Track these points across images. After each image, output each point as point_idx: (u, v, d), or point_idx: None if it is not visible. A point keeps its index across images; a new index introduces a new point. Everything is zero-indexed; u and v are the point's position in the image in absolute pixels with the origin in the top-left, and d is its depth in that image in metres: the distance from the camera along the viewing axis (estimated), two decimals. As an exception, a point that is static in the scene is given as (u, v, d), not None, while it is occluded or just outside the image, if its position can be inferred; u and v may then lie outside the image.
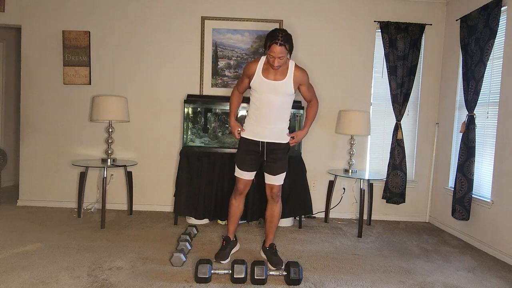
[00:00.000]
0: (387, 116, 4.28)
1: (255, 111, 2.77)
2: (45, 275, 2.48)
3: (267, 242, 2.95)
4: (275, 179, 2.81)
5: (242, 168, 2.81)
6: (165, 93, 4.22)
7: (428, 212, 4.36)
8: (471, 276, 2.82)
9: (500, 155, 3.29)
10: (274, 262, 2.77)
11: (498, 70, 3.39)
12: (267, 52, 2.58)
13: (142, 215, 4.07)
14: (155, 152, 4.25)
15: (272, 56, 2.56)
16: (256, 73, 2.70)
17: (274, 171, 2.78)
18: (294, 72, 2.69)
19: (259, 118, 2.75)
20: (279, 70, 2.68)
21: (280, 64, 2.59)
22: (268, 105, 2.70)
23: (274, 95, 2.68)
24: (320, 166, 4.28)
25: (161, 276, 2.54)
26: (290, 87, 2.69)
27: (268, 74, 2.68)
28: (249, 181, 2.86)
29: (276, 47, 2.51)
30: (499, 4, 3.27)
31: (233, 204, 2.94)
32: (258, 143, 2.77)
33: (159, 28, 4.18)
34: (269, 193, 2.86)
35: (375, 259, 3.05)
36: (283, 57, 2.56)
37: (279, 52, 2.52)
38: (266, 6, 4.18)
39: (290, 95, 2.74)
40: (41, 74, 4.19)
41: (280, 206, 2.92)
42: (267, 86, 2.67)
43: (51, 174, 4.24)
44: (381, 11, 4.21)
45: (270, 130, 2.75)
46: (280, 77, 2.67)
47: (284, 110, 2.78)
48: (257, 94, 2.73)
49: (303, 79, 2.74)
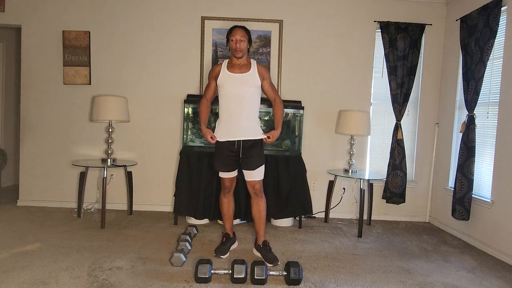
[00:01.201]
0: (387, 116, 4.28)
1: (225, 109, 2.86)
2: (45, 275, 2.48)
3: (259, 240, 3.00)
4: (255, 174, 2.87)
5: (222, 170, 2.92)
6: (165, 93, 4.22)
7: (428, 212, 4.36)
8: (471, 276, 2.82)
9: (500, 155, 3.29)
10: (269, 258, 2.80)
11: (498, 70, 3.39)
12: (229, 39, 2.84)
13: (142, 215, 4.07)
14: (155, 152, 4.25)
15: (233, 40, 2.81)
16: (222, 71, 2.88)
17: (252, 165, 2.86)
18: (257, 66, 2.91)
19: (230, 114, 2.84)
20: (243, 65, 2.86)
21: (242, 48, 2.81)
22: (237, 98, 2.81)
23: (242, 87, 2.82)
24: (320, 166, 4.28)
25: (161, 276, 2.54)
26: (256, 78, 2.86)
27: (233, 70, 2.86)
28: (233, 178, 2.98)
29: (236, 30, 2.82)
30: (499, 4, 3.27)
31: (224, 202, 3.04)
32: (234, 143, 2.85)
33: (159, 28, 4.18)
34: (251, 190, 2.93)
35: (375, 259, 3.05)
36: (243, 40, 2.81)
37: (239, 34, 2.80)
38: (266, 6, 4.18)
39: (257, 86, 2.87)
40: (41, 74, 4.19)
41: (264, 201, 2.98)
42: (233, 79, 2.82)
43: (51, 174, 4.24)
44: (381, 11, 4.21)
45: (243, 127, 2.84)
46: (246, 70, 2.86)
47: (253, 104, 2.88)
48: (225, 90, 2.85)
49: (265, 72, 2.93)
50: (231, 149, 2.86)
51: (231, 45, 2.85)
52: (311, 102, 4.23)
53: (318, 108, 4.24)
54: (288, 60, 4.22)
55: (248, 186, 2.93)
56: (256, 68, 2.88)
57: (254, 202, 2.96)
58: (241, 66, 2.87)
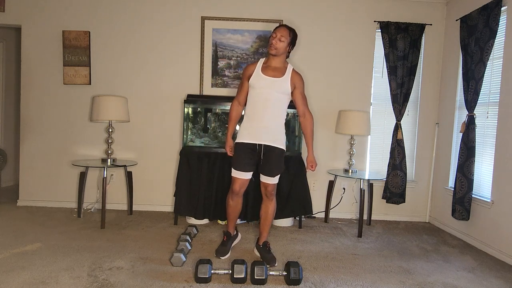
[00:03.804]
0: (387, 116, 4.29)
1: (251, 109, 2.79)
2: (45, 275, 2.48)
3: (261, 240, 2.98)
4: (271, 178, 2.83)
5: (239, 168, 2.80)
6: (165, 93, 4.22)
7: (428, 212, 4.36)
8: (471, 276, 2.82)
9: (500, 155, 3.29)
10: (268, 259, 2.80)
11: (498, 70, 3.39)
12: (271, 35, 2.75)
13: (142, 215, 4.07)
14: (155, 152, 4.25)
15: (273, 36, 2.72)
16: (256, 71, 2.78)
17: (271, 172, 2.80)
18: (292, 73, 2.79)
19: (254, 116, 2.77)
20: (278, 69, 2.76)
21: (277, 47, 2.71)
22: (264, 101, 2.73)
23: (271, 90, 2.73)
24: (320, 166, 4.27)
25: (161, 276, 2.54)
26: (287, 85, 2.75)
27: (267, 71, 2.77)
28: (245, 182, 2.84)
29: (282, 27, 2.75)
30: (499, 4, 3.27)
31: (230, 205, 2.94)
32: (255, 146, 2.78)
33: (159, 28, 4.18)
34: (263, 191, 2.88)
35: (375, 259, 3.05)
36: (284, 39, 2.72)
37: (281, 32, 2.72)
38: (266, 6, 4.18)
39: (286, 93, 2.77)
40: (41, 74, 4.19)
41: (274, 204, 2.94)
42: (265, 81, 2.74)
43: (51, 174, 4.24)
44: (381, 11, 4.21)
45: (266, 130, 2.76)
46: (279, 75, 2.76)
47: (279, 110, 2.79)
48: (254, 90, 2.77)
49: (299, 81, 2.82)
50: (252, 149, 2.78)
51: (269, 40, 2.76)
52: (311, 102, 4.21)
53: (318, 108, 4.24)
54: (288, 60, 4.20)
55: (262, 187, 2.88)
56: (289, 75, 2.76)
57: (263, 204, 2.93)
58: (275, 68, 2.77)
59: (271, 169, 2.79)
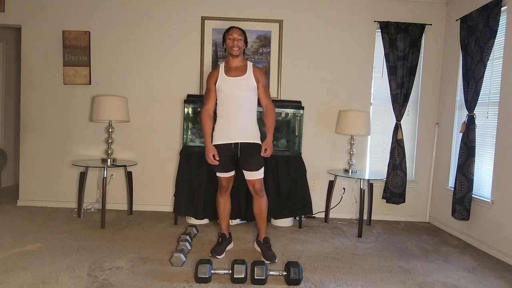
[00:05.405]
0: (387, 116, 4.29)
1: (224, 111, 2.88)
2: (45, 275, 2.48)
3: (261, 236, 3.05)
4: (255, 174, 2.88)
5: (222, 170, 2.92)
6: (165, 93, 4.22)
7: (428, 212, 4.36)
8: (471, 276, 2.82)
9: (500, 155, 3.29)
10: (268, 256, 2.84)
11: (498, 70, 3.39)
12: (227, 38, 2.89)
13: (142, 215, 4.07)
14: (155, 152, 4.25)
15: (231, 38, 2.85)
16: (220, 75, 2.89)
17: (252, 166, 2.86)
18: (253, 68, 2.92)
19: (229, 117, 2.85)
20: (240, 68, 2.88)
21: (239, 47, 2.85)
22: (235, 100, 2.84)
23: (238, 90, 2.84)
24: (320, 166, 4.28)
25: (161, 276, 2.54)
26: (252, 81, 2.87)
27: (230, 73, 2.89)
28: (231, 178, 2.99)
29: (234, 29, 2.89)
30: (499, 4, 3.27)
31: (220, 202, 3.07)
32: (231, 145, 2.86)
33: (159, 28, 4.18)
34: (252, 189, 2.94)
35: (375, 259, 3.05)
36: (240, 40, 2.87)
37: (237, 33, 2.86)
38: (266, 6, 4.18)
39: (253, 90, 2.89)
40: (41, 74, 4.19)
41: (265, 200, 3.00)
42: (231, 83, 2.85)
43: (51, 174, 4.24)
44: (381, 11, 4.21)
45: (240, 129, 2.85)
46: (242, 73, 2.88)
47: (250, 106, 2.90)
48: (223, 93, 2.87)
49: (261, 75, 2.93)
50: (228, 149, 2.87)
51: (228, 43, 2.88)
52: (311, 102, 4.23)
53: (318, 108, 4.24)
54: (288, 60, 4.22)
55: (249, 185, 2.94)
56: (252, 71, 2.89)
57: (255, 201, 2.98)
58: (237, 68, 2.89)
59: (253, 162, 2.86)
